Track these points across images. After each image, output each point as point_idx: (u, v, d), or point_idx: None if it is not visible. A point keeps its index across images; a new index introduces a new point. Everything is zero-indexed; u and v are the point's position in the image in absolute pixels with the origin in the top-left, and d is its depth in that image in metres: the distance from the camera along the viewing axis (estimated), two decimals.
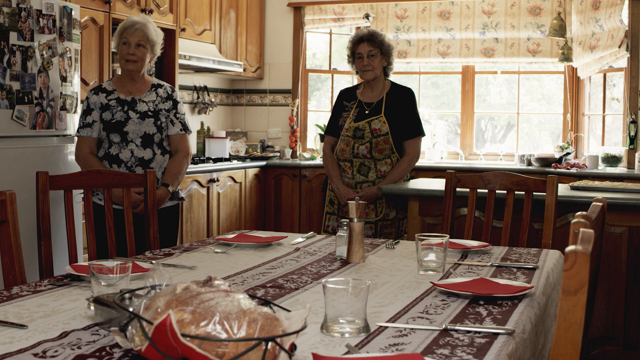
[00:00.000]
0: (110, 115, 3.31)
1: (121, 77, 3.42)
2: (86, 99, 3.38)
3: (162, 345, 1.16)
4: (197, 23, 5.69)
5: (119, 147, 3.31)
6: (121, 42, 3.34)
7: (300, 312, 1.23)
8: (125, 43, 3.32)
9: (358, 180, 3.78)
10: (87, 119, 3.34)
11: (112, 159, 3.32)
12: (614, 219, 3.32)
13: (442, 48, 6.45)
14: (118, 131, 3.30)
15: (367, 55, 3.73)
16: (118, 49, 3.37)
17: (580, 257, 1.12)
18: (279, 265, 2.21)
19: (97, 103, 3.34)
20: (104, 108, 3.33)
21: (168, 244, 3.35)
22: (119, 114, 3.31)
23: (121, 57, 3.34)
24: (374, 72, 3.75)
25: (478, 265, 2.25)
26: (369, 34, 3.76)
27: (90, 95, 3.36)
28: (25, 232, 2.85)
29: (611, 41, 5.61)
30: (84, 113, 3.36)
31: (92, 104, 3.34)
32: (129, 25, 3.33)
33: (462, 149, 6.55)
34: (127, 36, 3.31)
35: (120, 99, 3.34)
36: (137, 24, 3.33)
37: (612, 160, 5.62)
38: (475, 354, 1.34)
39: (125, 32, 3.32)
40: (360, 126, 3.74)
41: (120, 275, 1.63)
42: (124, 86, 3.39)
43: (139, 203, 3.22)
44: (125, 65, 3.33)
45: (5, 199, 2.10)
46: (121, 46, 3.34)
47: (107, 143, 3.34)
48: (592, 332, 3.36)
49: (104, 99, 3.34)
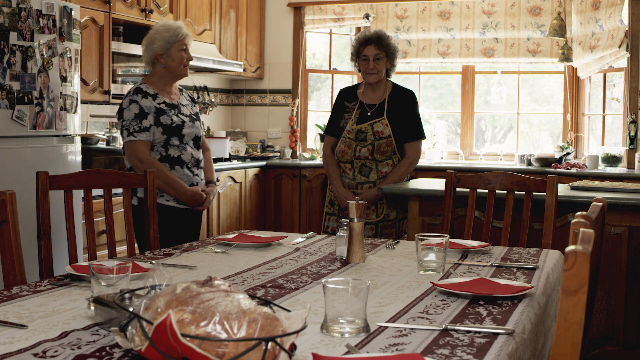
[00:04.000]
0: (169, 119, 3.33)
1: (163, 81, 3.41)
2: (134, 103, 3.30)
3: (162, 345, 1.16)
4: (197, 23, 5.69)
5: (179, 150, 3.35)
6: (180, 48, 3.37)
7: (300, 312, 1.23)
8: (185, 50, 3.39)
9: (359, 181, 3.77)
10: (143, 123, 3.28)
11: (174, 161, 3.34)
12: (614, 219, 3.31)
13: (442, 48, 6.45)
14: (177, 134, 3.34)
15: (373, 59, 3.71)
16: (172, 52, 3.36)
17: (580, 257, 1.12)
18: (279, 265, 2.21)
19: (152, 107, 3.31)
20: (159, 112, 3.32)
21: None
22: (175, 118, 3.35)
23: (180, 62, 3.38)
24: (379, 75, 3.74)
25: (478, 265, 2.25)
26: (376, 36, 3.73)
27: (140, 99, 3.31)
28: (25, 232, 2.85)
29: (611, 41, 5.61)
30: (137, 117, 3.28)
31: (146, 108, 3.30)
32: (185, 32, 3.40)
33: (462, 149, 6.55)
34: (188, 43, 3.40)
35: (167, 102, 3.37)
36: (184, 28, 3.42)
37: (612, 160, 5.62)
38: (475, 354, 1.34)
39: (186, 39, 3.39)
40: (362, 128, 3.73)
41: (120, 275, 1.63)
42: (166, 90, 3.41)
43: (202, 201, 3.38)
44: (184, 70, 3.40)
45: (5, 199, 2.11)
46: (179, 52, 3.37)
47: (163, 146, 3.33)
48: (592, 332, 3.36)
49: (154, 102, 3.33)
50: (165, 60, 3.37)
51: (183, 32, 3.39)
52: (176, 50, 3.37)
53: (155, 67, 3.40)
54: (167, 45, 3.36)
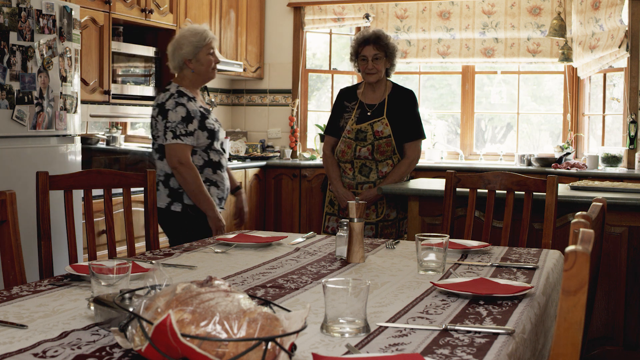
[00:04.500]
0: (212, 124, 3.35)
1: (195, 85, 3.42)
2: (181, 106, 3.27)
3: (162, 345, 1.16)
4: (197, 23, 5.68)
5: (218, 154, 3.38)
6: (208, 52, 3.37)
7: (300, 312, 1.23)
8: (213, 53, 3.39)
9: (359, 181, 3.77)
10: (189, 127, 3.26)
11: (216, 165, 3.37)
12: (614, 219, 3.31)
13: (442, 48, 6.45)
14: (217, 139, 3.36)
15: (372, 59, 3.71)
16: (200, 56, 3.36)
17: (580, 257, 1.12)
18: (279, 265, 2.21)
19: (197, 112, 3.31)
20: (204, 116, 3.33)
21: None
22: (212, 121, 3.37)
23: (209, 65, 3.38)
24: (378, 75, 3.74)
25: (478, 265, 2.25)
26: (375, 37, 3.72)
27: (186, 102, 3.30)
28: (25, 232, 2.85)
29: (611, 41, 5.61)
30: (184, 120, 3.25)
31: (192, 112, 3.28)
32: (212, 36, 3.40)
33: (462, 149, 6.55)
34: (214, 45, 3.40)
35: (203, 107, 3.39)
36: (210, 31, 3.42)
37: (612, 160, 5.62)
38: (475, 354, 1.34)
39: (212, 42, 3.38)
40: (362, 128, 3.73)
41: (120, 275, 1.63)
42: (197, 94, 3.44)
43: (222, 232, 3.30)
44: (212, 73, 3.42)
45: (5, 199, 2.11)
46: (208, 56, 3.37)
47: (205, 150, 3.33)
48: (592, 332, 3.36)
49: (197, 106, 3.33)
50: (194, 65, 3.36)
51: (210, 36, 3.39)
52: (204, 54, 3.36)
53: (184, 71, 3.40)
54: (195, 50, 3.35)
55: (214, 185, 3.36)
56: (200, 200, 3.26)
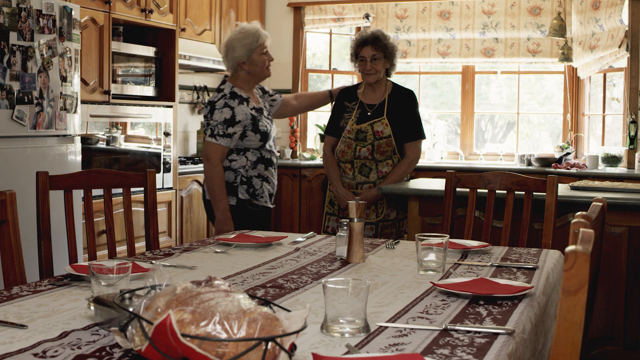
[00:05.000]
0: (264, 126, 3.45)
1: (250, 85, 3.52)
2: (227, 107, 3.37)
3: (162, 345, 1.16)
4: (197, 23, 5.69)
5: (269, 152, 3.50)
6: (261, 52, 3.46)
7: (300, 312, 1.23)
8: (266, 52, 3.48)
9: (359, 181, 3.77)
10: (229, 130, 3.36)
11: (268, 162, 3.49)
12: (614, 219, 3.31)
13: (442, 48, 6.45)
14: (269, 139, 3.49)
15: (370, 60, 3.71)
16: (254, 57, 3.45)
17: (580, 257, 1.12)
18: (279, 265, 2.21)
19: (248, 115, 3.39)
20: (255, 119, 3.42)
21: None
22: (265, 121, 3.47)
23: (263, 64, 3.47)
24: (377, 75, 3.74)
25: (478, 265, 2.25)
26: (372, 37, 3.72)
27: (236, 105, 3.39)
28: (25, 232, 2.85)
29: (611, 41, 5.61)
30: (226, 122, 3.35)
31: (239, 115, 3.37)
32: (265, 35, 3.49)
33: (462, 149, 6.55)
34: (267, 44, 3.49)
35: (256, 107, 3.47)
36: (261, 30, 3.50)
37: (612, 160, 5.62)
38: (475, 354, 1.34)
39: (265, 41, 3.47)
40: (362, 128, 3.73)
41: (120, 275, 1.63)
42: (251, 93, 3.53)
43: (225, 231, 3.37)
44: (267, 72, 3.51)
45: (5, 199, 2.11)
46: (262, 56, 3.46)
47: (258, 149, 3.45)
48: (592, 332, 3.36)
49: (248, 109, 3.42)
50: (249, 66, 3.45)
51: (262, 36, 3.47)
52: (258, 55, 3.45)
53: (238, 72, 3.47)
54: (248, 52, 3.43)
55: (266, 180, 3.48)
56: (214, 198, 3.38)
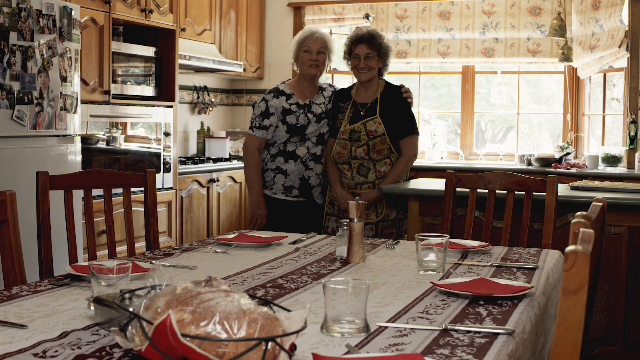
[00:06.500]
0: (295, 119, 3.66)
1: (299, 81, 3.77)
2: (264, 101, 3.69)
3: (162, 345, 1.16)
4: (197, 23, 5.69)
5: (296, 145, 3.68)
6: (302, 50, 3.70)
7: (300, 312, 1.23)
8: (307, 51, 3.68)
9: (358, 181, 3.77)
10: (264, 122, 3.66)
11: (289, 155, 3.69)
12: (614, 219, 3.31)
13: (442, 48, 6.45)
14: (300, 133, 3.66)
15: (364, 57, 3.71)
16: (298, 56, 3.72)
17: (580, 257, 1.12)
18: (279, 265, 2.21)
19: (279, 107, 3.66)
20: (286, 112, 3.66)
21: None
22: (301, 117, 3.67)
23: (303, 63, 3.70)
24: (370, 74, 3.74)
25: (478, 265, 2.25)
26: (368, 35, 3.73)
27: (270, 98, 3.69)
28: (25, 232, 2.85)
29: (611, 41, 5.61)
30: (262, 115, 3.66)
31: (271, 108, 3.66)
32: (309, 34, 3.73)
33: (462, 149, 6.55)
34: (309, 44, 3.69)
35: (299, 103, 3.69)
36: (316, 32, 3.73)
37: (612, 160, 5.62)
38: (475, 354, 1.34)
39: (307, 41, 3.71)
40: (355, 128, 3.73)
41: (120, 275, 1.63)
42: (301, 90, 3.74)
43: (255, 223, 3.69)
44: (309, 70, 3.69)
45: (5, 199, 2.11)
46: (302, 54, 3.70)
47: (284, 142, 3.68)
48: (592, 332, 3.36)
49: (285, 102, 3.68)
50: (298, 65, 3.75)
51: (305, 34, 3.72)
52: (301, 52, 3.70)
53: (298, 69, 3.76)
54: (295, 53, 3.74)
55: (282, 173, 3.68)
56: (248, 184, 3.69)
